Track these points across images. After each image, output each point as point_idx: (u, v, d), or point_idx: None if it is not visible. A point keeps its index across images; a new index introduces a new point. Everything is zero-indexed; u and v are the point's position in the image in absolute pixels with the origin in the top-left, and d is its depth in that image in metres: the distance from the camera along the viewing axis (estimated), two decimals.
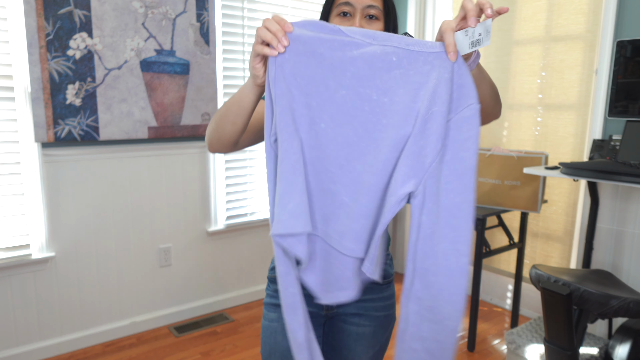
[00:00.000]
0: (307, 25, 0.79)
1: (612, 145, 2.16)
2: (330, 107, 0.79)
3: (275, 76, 0.78)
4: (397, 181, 0.76)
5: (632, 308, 1.61)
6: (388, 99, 0.77)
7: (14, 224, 2.19)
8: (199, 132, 2.60)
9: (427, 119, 0.75)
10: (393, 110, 0.77)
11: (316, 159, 0.81)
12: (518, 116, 2.74)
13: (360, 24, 0.98)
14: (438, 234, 0.77)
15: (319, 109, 0.79)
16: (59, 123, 2.18)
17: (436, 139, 0.75)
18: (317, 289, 0.86)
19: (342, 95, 0.78)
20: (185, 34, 2.49)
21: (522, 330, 2.24)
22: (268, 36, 0.79)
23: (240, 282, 2.94)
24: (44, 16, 2.09)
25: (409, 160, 0.76)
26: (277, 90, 0.78)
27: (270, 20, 0.80)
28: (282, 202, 0.79)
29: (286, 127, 0.78)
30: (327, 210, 0.83)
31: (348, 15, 1.00)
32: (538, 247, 2.74)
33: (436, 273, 0.78)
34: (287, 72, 0.78)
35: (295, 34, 0.78)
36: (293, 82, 0.79)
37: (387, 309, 1.13)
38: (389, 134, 0.78)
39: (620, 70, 2.16)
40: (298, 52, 0.78)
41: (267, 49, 0.79)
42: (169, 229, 2.63)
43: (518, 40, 2.70)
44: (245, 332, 2.59)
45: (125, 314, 2.54)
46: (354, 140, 0.79)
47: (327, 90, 0.78)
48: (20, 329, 2.24)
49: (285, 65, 0.78)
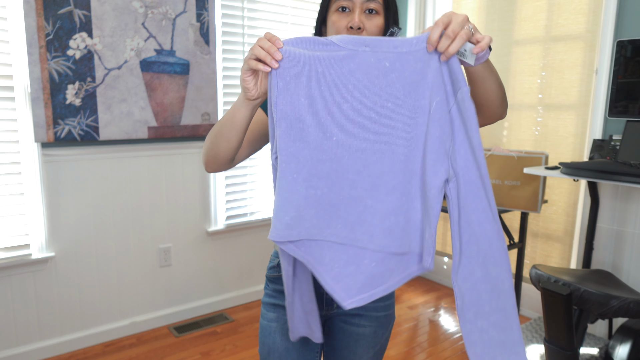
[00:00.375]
0: (301, 43, 0.83)
1: (612, 145, 2.16)
2: (339, 121, 0.84)
3: (277, 99, 0.83)
4: (429, 176, 0.82)
5: (632, 308, 1.61)
6: (391, 103, 0.82)
7: (14, 224, 2.19)
8: (199, 132, 2.60)
9: (434, 111, 0.81)
10: (399, 113, 0.83)
11: (332, 170, 0.85)
12: (518, 116, 2.74)
13: (359, 18, 0.97)
14: (472, 207, 0.83)
15: (327, 124, 0.84)
16: (58, 123, 2.18)
17: (447, 126, 0.80)
18: (342, 294, 0.88)
19: (348, 107, 0.83)
20: (185, 34, 2.49)
21: (522, 330, 2.24)
22: (262, 54, 0.81)
23: (240, 282, 2.94)
24: (44, 16, 2.09)
25: (433, 154, 0.81)
26: (278, 114, 0.83)
27: (262, 39, 0.82)
28: (279, 215, 0.85)
29: (286, 149, 0.84)
30: (353, 217, 0.87)
31: (347, 10, 0.99)
32: (538, 247, 2.74)
33: (478, 242, 0.83)
34: (289, 95, 0.83)
35: (291, 53, 0.82)
36: (296, 104, 0.83)
37: (387, 309, 1.13)
38: (401, 135, 0.83)
39: (620, 70, 2.15)
40: (299, 74, 0.82)
41: (261, 65, 0.82)
42: (169, 229, 2.63)
43: (518, 40, 2.70)
44: (245, 332, 2.58)
45: (125, 314, 2.54)
46: (368, 146, 0.84)
47: (332, 105, 0.83)
48: (20, 329, 2.24)
49: (288, 88, 0.83)
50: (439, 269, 3.38)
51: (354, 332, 1.11)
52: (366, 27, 0.98)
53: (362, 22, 0.97)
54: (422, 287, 3.31)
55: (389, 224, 0.86)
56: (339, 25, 0.99)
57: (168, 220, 2.62)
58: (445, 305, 3.01)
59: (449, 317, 2.83)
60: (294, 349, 1.10)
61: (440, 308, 2.97)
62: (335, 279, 0.88)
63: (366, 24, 0.98)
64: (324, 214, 0.87)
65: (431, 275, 3.44)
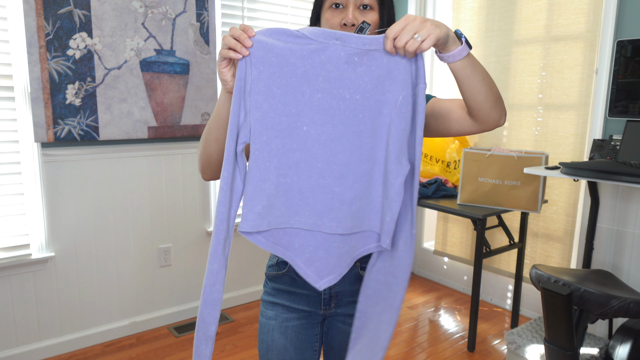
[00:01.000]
0: (274, 34, 0.85)
1: (612, 145, 2.16)
2: (310, 111, 0.87)
3: (251, 88, 0.84)
4: (393, 164, 0.87)
5: (633, 308, 1.61)
6: (360, 95, 0.87)
7: (14, 224, 2.19)
8: (198, 132, 2.60)
9: (400, 105, 0.86)
10: (366, 105, 0.87)
11: (302, 159, 0.88)
12: (518, 116, 2.73)
13: (353, 15, 0.97)
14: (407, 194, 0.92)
15: (298, 114, 0.87)
16: (58, 123, 2.18)
17: (409, 119, 0.87)
18: (314, 277, 0.94)
19: (318, 98, 0.87)
20: (185, 33, 2.49)
21: (522, 330, 2.24)
22: (232, 42, 0.82)
23: (240, 282, 2.94)
24: (44, 16, 2.09)
25: (398, 144, 0.87)
26: (252, 102, 0.85)
27: (234, 27, 0.83)
28: (250, 204, 0.87)
29: (258, 137, 0.86)
30: (320, 205, 0.91)
31: (340, 7, 0.99)
32: (538, 247, 2.74)
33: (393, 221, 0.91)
34: (262, 84, 0.85)
35: (265, 43, 0.84)
36: (269, 93, 0.85)
37: None
38: (368, 126, 0.88)
39: (620, 70, 2.15)
40: (272, 64, 0.84)
41: (232, 52, 0.83)
42: (169, 229, 2.63)
43: (518, 40, 2.70)
44: (245, 332, 2.58)
45: (125, 314, 2.54)
46: (337, 137, 0.88)
47: (303, 96, 0.86)
48: (20, 329, 2.24)
49: (261, 78, 0.84)
50: (439, 269, 3.38)
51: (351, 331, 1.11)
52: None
53: (356, 18, 0.97)
54: (422, 287, 3.31)
55: (355, 209, 0.91)
56: (332, 22, 0.99)
57: (168, 220, 2.62)
58: (445, 305, 3.01)
59: (449, 317, 2.83)
60: (293, 347, 1.10)
61: (440, 308, 2.97)
62: (307, 263, 0.93)
63: (360, 20, 0.98)
64: (293, 202, 0.90)
65: (431, 275, 3.44)
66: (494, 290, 3.02)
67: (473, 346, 2.43)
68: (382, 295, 0.95)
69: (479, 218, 2.29)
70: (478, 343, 2.52)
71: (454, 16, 3.00)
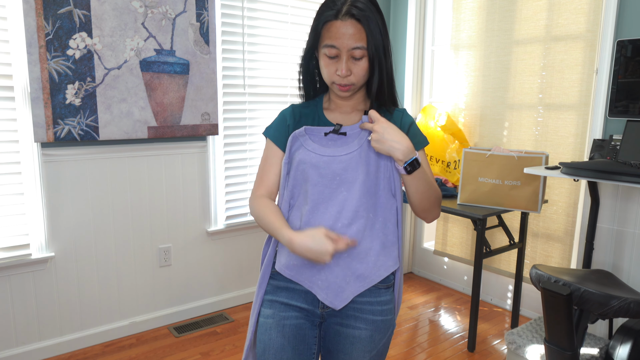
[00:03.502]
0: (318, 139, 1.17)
1: (612, 145, 2.16)
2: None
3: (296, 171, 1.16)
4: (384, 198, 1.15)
5: (633, 308, 1.60)
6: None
7: (14, 224, 2.19)
8: (198, 132, 2.60)
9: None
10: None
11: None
12: (518, 116, 2.73)
13: (346, 66, 1.05)
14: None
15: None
16: (58, 123, 2.18)
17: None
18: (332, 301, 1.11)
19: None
20: (185, 33, 2.49)
21: (522, 330, 2.23)
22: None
23: (240, 282, 2.94)
24: (44, 16, 2.08)
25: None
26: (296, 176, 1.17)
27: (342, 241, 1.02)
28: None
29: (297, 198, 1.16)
30: (343, 253, 1.13)
31: (335, 58, 1.06)
32: (538, 247, 2.74)
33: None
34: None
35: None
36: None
37: (385, 314, 1.12)
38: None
39: (620, 70, 2.15)
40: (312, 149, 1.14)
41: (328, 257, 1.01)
42: (169, 229, 2.63)
43: (518, 40, 2.70)
44: (245, 332, 2.58)
45: (125, 314, 2.54)
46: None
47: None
48: (20, 329, 2.24)
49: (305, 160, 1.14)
50: (439, 269, 3.38)
51: (349, 334, 1.11)
52: (353, 72, 1.07)
53: (349, 69, 1.06)
54: (422, 287, 3.31)
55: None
56: (328, 70, 1.08)
57: (168, 220, 2.62)
58: (445, 305, 3.01)
59: (449, 317, 2.83)
60: (290, 346, 1.10)
61: (440, 308, 2.96)
62: (326, 293, 1.10)
63: (353, 69, 1.06)
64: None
65: (431, 275, 3.44)
66: (494, 290, 3.02)
67: (473, 346, 2.43)
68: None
69: (479, 218, 2.29)
70: (478, 343, 2.52)
71: (454, 16, 3.00)
